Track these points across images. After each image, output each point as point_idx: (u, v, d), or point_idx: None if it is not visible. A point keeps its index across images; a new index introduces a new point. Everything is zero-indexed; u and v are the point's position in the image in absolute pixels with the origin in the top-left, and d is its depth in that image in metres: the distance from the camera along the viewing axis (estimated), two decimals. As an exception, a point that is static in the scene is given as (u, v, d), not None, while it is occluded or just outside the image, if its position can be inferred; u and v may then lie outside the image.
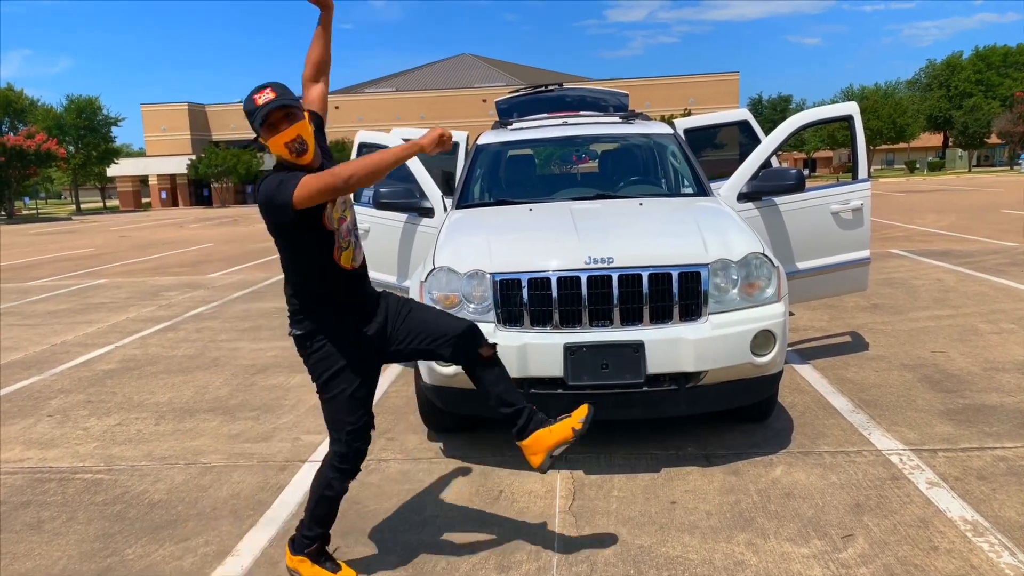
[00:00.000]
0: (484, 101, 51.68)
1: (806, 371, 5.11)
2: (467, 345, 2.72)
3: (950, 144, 63.87)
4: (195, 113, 62.11)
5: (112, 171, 59.03)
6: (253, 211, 44.76)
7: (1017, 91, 57.46)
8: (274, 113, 2.47)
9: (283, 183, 2.47)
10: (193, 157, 56.14)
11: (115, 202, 66.47)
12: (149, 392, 5.38)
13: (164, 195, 59.78)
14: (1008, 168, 53.20)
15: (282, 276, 2.79)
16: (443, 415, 4.03)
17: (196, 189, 60.28)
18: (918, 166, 59.84)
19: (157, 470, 3.90)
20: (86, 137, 54.86)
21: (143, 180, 62.42)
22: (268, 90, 2.50)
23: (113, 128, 56.72)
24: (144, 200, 63.20)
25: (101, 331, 7.75)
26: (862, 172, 5.08)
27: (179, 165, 56.84)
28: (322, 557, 2.77)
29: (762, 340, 3.48)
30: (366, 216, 5.38)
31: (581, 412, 2.69)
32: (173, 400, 5.15)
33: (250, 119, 2.51)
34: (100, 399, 5.25)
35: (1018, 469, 3.43)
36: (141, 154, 70.45)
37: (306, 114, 2.57)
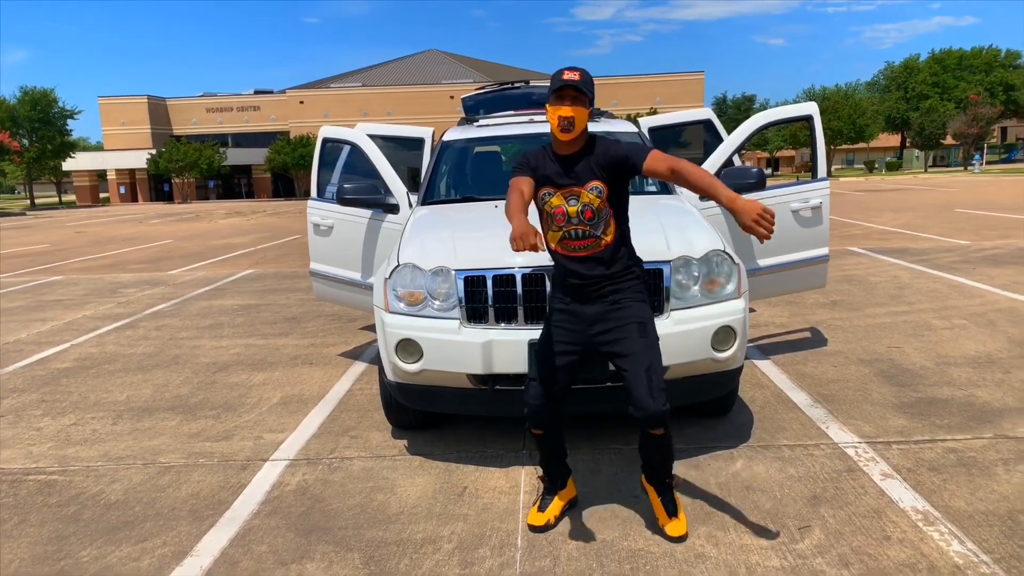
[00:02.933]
0: (452, 97, 51.48)
1: (766, 366, 5.20)
2: (639, 416, 2.81)
3: (907, 145, 65.41)
4: (155, 107, 60.80)
5: (68, 165, 57.54)
6: (216, 207, 44.01)
7: (971, 94, 59.14)
8: (567, 89, 2.78)
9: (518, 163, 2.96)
10: (153, 151, 54.92)
11: (72, 197, 64.84)
12: (106, 391, 5.26)
13: (123, 190, 58.42)
14: (962, 168, 54.69)
15: (244, 273, 2.78)
16: (407, 412, 4.02)
17: (156, 184, 59.04)
18: (877, 166, 61.22)
19: (114, 470, 3.82)
20: (40, 130, 53.43)
21: (101, 175, 60.95)
22: (577, 73, 2.82)
23: (69, 121, 55.38)
24: (102, 195, 61.72)
25: (56, 329, 7.55)
26: (821, 171, 5.17)
27: (138, 159, 55.53)
28: (544, 489, 3.13)
29: (723, 336, 3.53)
30: (330, 212, 5.34)
31: (679, 529, 2.93)
32: (131, 399, 5.04)
33: (550, 84, 2.84)
34: (54, 398, 5.12)
35: (967, 460, 3.54)
36: (99, 148, 68.80)
37: (590, 110, 2.86)
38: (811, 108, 5.20)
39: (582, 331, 2.92)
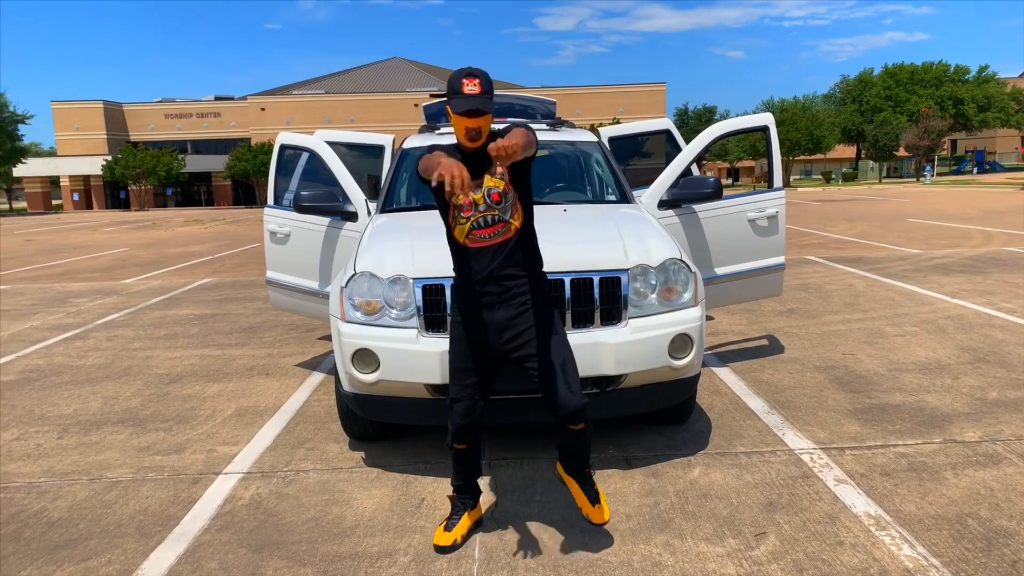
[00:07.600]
0: (416, 105, 51.29)
1: (724, 374, 5.25)
2: (559, 414, 2.80)
3: (862, 156, 67.08)
4: (111, 112, 59.47)
5: (19, 171, 55.82)
6: (174, 214, 43.12)
7: (923, 107, 60.92)
8: (473, 99, 2.72)
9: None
10: (109, 158, 53.62)
11: (23, 204, 62.94)
12: (52, 404, 5.09)
13: (76, 197, 56.95)
14: (915, 180, 56.24)
15: (201, 282, 2.71)
16: (364, 423, 3.96)
17: (112, 191, 57.68)
18: (833, 176, 62.63)
19: (57, 487, 3.68)
20: (-10, 135, 51.80)
21: (54, 181, 59.32)
22: (477, 80, 2.73)
23: (20, 126, 53.77)
24: (55, 202, 60.07)
25: (0, 340, 7.29)
26: (777, 181, 5.26)
27: (93, 166, 54.18)
28: (453, 509, 3.08)
29: (680, 344, 3.55)
30: (287, 220, 5.25)
31: (602, 516, 2.93)
32: (79, 412, 4.88)
33: (448, 92, 2.77)
34: (-3, 412, 4.94)
35: (917, 465, 3.61)
36: (52, 154, 67.03)
37: (492, 109, 2.80)
38: (767, 119, 5.29)
39: (493, 340, 2.87)
